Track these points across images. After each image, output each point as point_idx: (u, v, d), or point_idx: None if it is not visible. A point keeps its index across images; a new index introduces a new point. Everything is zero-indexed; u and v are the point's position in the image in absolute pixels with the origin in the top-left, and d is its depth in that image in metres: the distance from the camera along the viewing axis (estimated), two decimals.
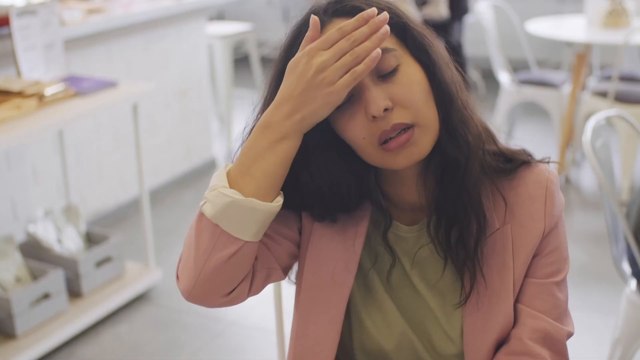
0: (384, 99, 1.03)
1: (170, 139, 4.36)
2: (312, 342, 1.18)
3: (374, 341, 1.18)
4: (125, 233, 3.65)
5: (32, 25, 2.88)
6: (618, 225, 2.11)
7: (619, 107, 3.88)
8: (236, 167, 1.04)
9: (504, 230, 1.12)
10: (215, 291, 1.08)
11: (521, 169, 1.15)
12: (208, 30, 4.89)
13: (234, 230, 1.03)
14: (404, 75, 1.04)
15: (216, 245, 1.03)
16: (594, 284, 3.20)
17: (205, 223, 1.04)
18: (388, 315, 1.17)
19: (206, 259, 1.04)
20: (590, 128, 2.08)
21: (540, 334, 1.11)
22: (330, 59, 0.99)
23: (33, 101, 2.66)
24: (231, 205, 1.01)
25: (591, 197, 4.12)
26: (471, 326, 1.13)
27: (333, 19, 1.06)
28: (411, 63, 1.06)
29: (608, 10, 4.26)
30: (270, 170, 1.03)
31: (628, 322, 2.15)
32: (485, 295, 1.12)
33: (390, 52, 1.04)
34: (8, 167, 3.28)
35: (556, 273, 1.14)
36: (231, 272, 1.06)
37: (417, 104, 1.04)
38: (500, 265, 1.12)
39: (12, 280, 2.81)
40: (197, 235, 1.05)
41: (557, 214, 1.15)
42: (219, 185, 1.03)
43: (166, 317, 3.06)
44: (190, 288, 1.07)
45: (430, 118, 1.05)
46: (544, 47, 6.03)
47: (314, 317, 1.18)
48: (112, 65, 3.85)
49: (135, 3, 4.00)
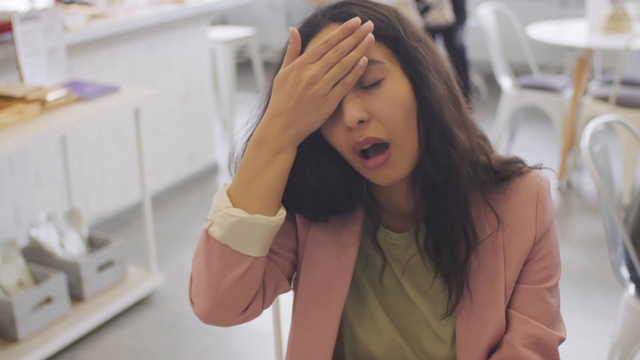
0: (360, 110, 1.03)
1: (173, 143, 4.38)
2: (308, 349, 1.19)
3: (364, 347, 1.18)
4: (127, 237, 3.67)
5: (34, 31, 2.90)
6: (616, 231, 2.11)
7: (621, 111, 3.89)
8: (236, 185, 1.05)
9: (495, 237, 1.13)
10: (232, 310, 1.09)
11: (513, 180, 1.15)
12: (211, 35, 4.91)
13: (243, 248, 1.04)
14: (387, 89, 1.03)
15: (227, 265, 1.04)
16: (595, 288, 3.20)
17: (213, 244, 1.04)
18: (378, 321, 1.18)
19: (220, 280, 1.05)
20: (588, 133, 2.09)
21: (532, 339, 1.12)
22: (319, 72, 1.01)
23: (35, 106, 2.68)
24: (238, 224, 1.03)
25: (593, 202, 4.12)
26: (464, 332, 1.14)
27: (330, 23, 1.07)
28: (398, 78, 1.05)
29: (610, 14, 4.26)
30: (270, 185, 1.04)
31: (626, 326, 2.15)
32: (477, 302, 1.13)
33: (377, 65, 1.03)
34: (11, 171, 3.30)
35: (548, 279, 1.15)
36: (245, 290, 1.08)
37: (394, 120, 1.03)
38: (492, 271, 1.13)
39: (15, 284, 2.83)
40: (207, 258, 1.05)
41: (548, 220, 1.15)
42: (223, 206, 1.04)
43: (168, 322, 3.08)
44: (208, 311, 1.08)
45: (407, 137, 1.04)
46: (545, 52, 6.04)
47: (310, 325, 1.19)
48: (115, 70, 3.87)
49: (138, 8, 4.02)
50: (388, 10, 1.09)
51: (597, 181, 2.00)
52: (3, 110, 2.61)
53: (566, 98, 4.39)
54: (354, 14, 1.05)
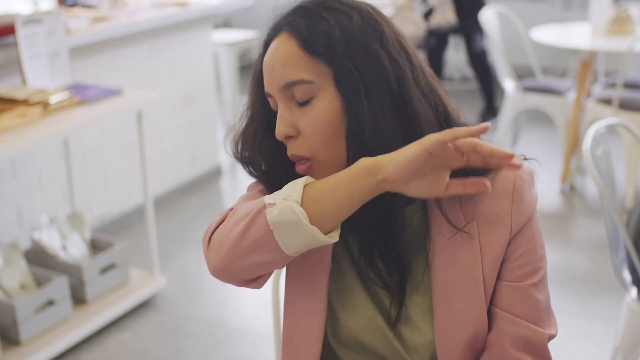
0: (287, 127, 1.08)
1: (175, 146, 4.38)
2: (297, 345, 1.20)
3: (345, 327, 1.18)
4: (130, 240, 3.67)
5: (37, 34, 2.91)
6: (618, 234, 2.11)
7: (624, 114, 3.88)
8: (317, 187, 1.04)
9: (470, 228, 1.11)
10: (241, 278, 1.12)
11: (490, 171, 1.13)
12: (214, 38, 4.92)
13: (283, 243, 1.04)
14: (314, 109, 1.07)
15: (260, 247, 1.05)
16: (597, 291, 3.19)
17: (261, 221, 1.04)
18: (356, 298, 1.18)
19: (244, 255, 1.06)
20: (590, 136, 2.09)
21: (522, 340, 1.11)
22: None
23: (38, 109, 2.68)
24: (294, 224, 1.02)
25: (596, 205, 4.11)
26: (442, 322, 1.13)
27: (280, 33, 1.10)
28: (328, 97, 1.06)
29: (613, 17, 4.26)
30: (344, 209, 1.03)
31: (628, 330, 2.15)
32: (455, 292, 1.12)
33: (305, 84, 1.06)
34: (13, 174, 3.31)
35: (533, 274, 1.13)
36: (260, 271, 1.10)
37: (317, 140, 1.07)
38: (468, 262, 1.11)
39: (17, 286, 2.83)
40: (247, 226, 1.05)
41: (526, 210, 1.12)
42: (293, 197, 1.03)
43: (170, 324, 3.08)
44: (220, 270, 1.10)
45: (332, 152, 1.08)
46: (548, 55, 6.03)
47: (299, 305, 1.19)
48: (118, 73, 3.87)
49: (140, 11, 4.02)
50: (349, 13, 1.08)
51: (598, 184, 2.00)
52: (5, 113, 2.61)
53: (569, 101, 4.39)
54: (298, 25, 1.07)
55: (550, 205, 4.14)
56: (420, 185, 1.02)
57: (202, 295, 3.30)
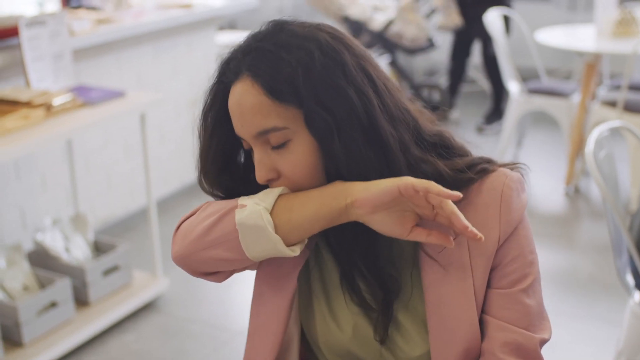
0: (267, 171, 1.09)
1: (179, 148, 4.38)
2: (257, 344, 1.21)
3: (335, 336, 1.18)
4: (133, 242, 3.67)
5: (41, 36, 2.91)
6: (621, 237, 2.10)
7: (629, 116, 3.87)
8: (290, 200, 1.08)
9: (459, 240, 1.11)
10: (199, 269, 1.16)
11: (475, 183, 1.12)
12: (218, 40, 4.92)
13: (245, 245, 1.07)
14: (292, 151, 1.07)
15: (223, 244, 1.09)
16: (600, 294, 3.18)
17: (229, 219, 1.08)
18: (344, 310, 1.18)
19: (207, 247, 1.10)
20: (593, 139, 2.08)
21: (512, 346, 1.10)
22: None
23: (41, 111, 2.68)
24: (259, 230, 1.05)
25: (600, 207, 4.10)
26: (437, 336, 1.12)
27: (242, 75, 1.10)
28: (303, 138, 1.07)
29: (618, 19, 4.25)
30: (311, 227, 1.06)
31: (631, 333, 2.14)
32: (447, 305, 1.12)
33: (279, 131, 1.06)
34: (17, 175, 3.31)
35: (522, 280, 1.12)
36: (220, 267, 1.14)
37: (299, 178, 1.08)
38: (459, 274, 1.11)
39: (20, 288, 2.83)
40: (216, 221, 1.10)
41: (514, 219, 1.12)
42: (264, 203, 1.07)
43: (173, 326, 3.08)
44: (181, 258, 1.16)
45: (315, 185, 1.09)
46: (553, 57, 6.02)
47: (266, 296, 1.20)
48: (122, 75, 3.88)
49: (145, 13, 4.02)
50: (309, 50, 1.06)
51: (601, 187, 1.99)
52: (9, 115, 2.61)
53: (574, 103, 4.37)
54: (259, 70, 1.06)
55: (555, 208, 4.13)
56: (385, 220, 1.04)
57: (205, 297, 3.30)
